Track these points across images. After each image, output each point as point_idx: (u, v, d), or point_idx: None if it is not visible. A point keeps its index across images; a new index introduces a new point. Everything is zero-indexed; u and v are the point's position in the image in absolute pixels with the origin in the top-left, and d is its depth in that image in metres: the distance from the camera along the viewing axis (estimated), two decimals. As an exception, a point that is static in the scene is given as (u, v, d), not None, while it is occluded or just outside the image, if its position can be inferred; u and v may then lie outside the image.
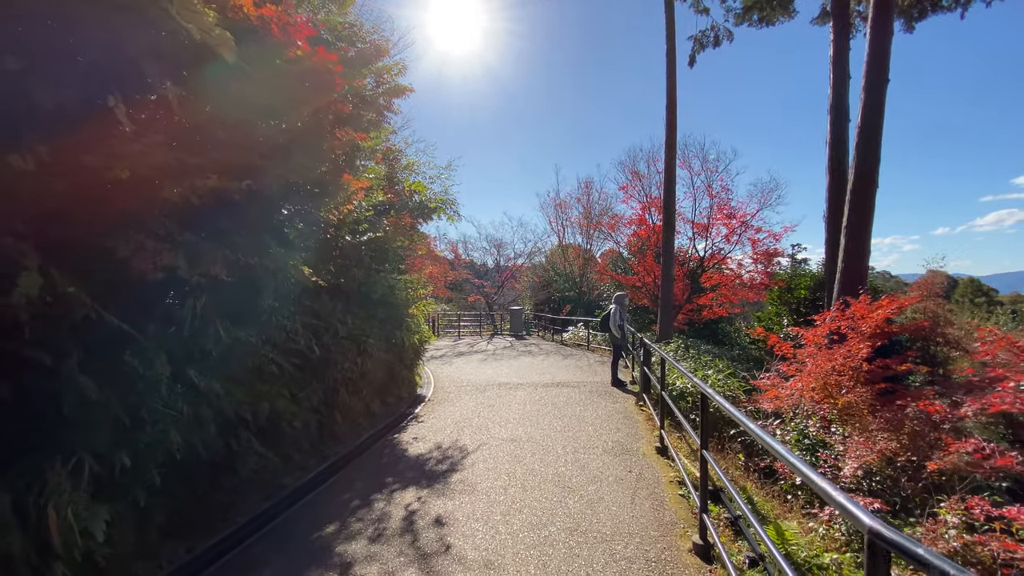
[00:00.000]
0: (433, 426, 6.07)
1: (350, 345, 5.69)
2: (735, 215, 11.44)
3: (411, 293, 8.77)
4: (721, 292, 12.07)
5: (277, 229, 3.60)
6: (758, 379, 5.94)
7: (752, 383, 5.87)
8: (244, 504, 3.71)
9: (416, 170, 10.11)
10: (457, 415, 6.56)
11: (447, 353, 13.83)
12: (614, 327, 8.15)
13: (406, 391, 8.00)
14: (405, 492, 4.01)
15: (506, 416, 6.32)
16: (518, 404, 6.99)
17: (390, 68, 6.16)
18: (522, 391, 7.94)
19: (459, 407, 7.06)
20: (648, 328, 12.63)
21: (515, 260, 25.84)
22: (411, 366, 8.28)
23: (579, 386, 8.24)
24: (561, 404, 6.91)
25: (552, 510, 3.53)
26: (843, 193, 8.39)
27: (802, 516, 3.95)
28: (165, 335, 2.98)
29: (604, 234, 16.41)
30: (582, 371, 9.88)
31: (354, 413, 5.91)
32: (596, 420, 5.99)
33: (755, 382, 5.72)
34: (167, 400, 2.95)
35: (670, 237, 9.89)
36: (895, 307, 4.85)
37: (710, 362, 7.48)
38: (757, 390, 6.00)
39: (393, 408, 7.18)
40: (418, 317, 9.18)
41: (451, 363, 11.88)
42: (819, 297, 10.74)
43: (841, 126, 8.56)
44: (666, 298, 9.94)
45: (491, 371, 10.21)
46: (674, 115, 9.56)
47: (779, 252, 11.15)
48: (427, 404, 7.46)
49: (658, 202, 12.22)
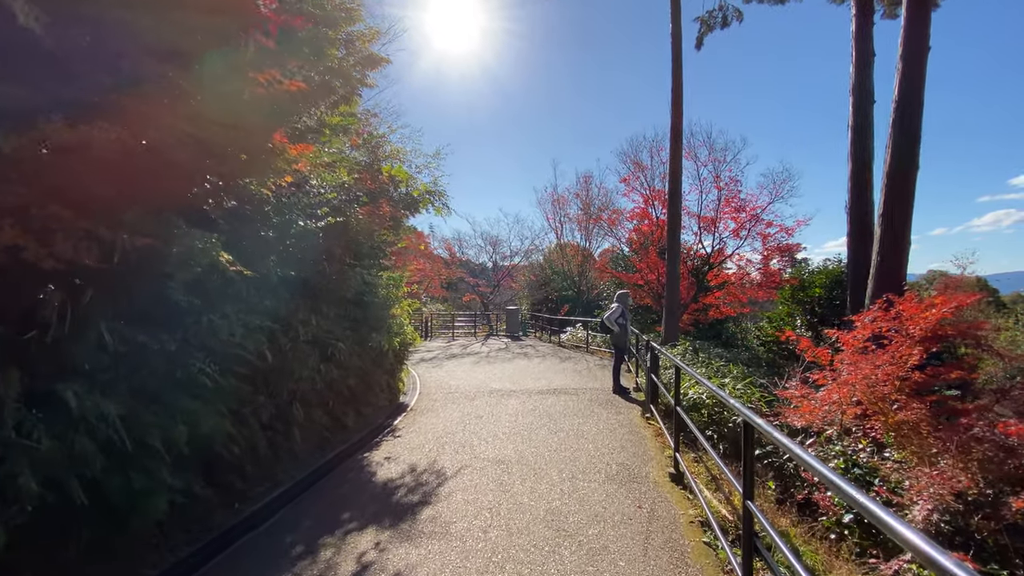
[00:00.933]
0: (411, 442, 5.30)
1: (311, 351, 4.91)
2: (744, 208, 10.68)
3: (393, 291, 8.00)
4: (729, 290, 11.32)
5: (192, 206, 2.83)
6: (780, 388, 5.18)
7: (776, 393, 5.11)
8: (153, 555, 2.93)
9: (401, 158, 9.36)
10: (440, 428, 5.79)
11: (438, 355, 13.05)
12: (616, 328, 7.40)
13: (386, 399, 7.22)
14: (362, 535, 3.24)
15: (494, 430, 5.55)
16: (509, 416, 6.22)
17: (363, 35, 5.40)
18: (515, 399, 7.18)
19: (443, 418, 6.29)
20: (651, 329, 11.88)
21: (511, 259, 25.06)
22: (392, 372, 7.51)
23: (578, 393, 7.48)
24: (557, 415, 6.14)
25: (543, 565, 2.76)
26: (867, 181, 7.65)
27: (854, 564, 3.19)
28: (18, 341, 2.21)
29: (604, 230, 15.66)
30: (581, 376, 9.11)
31: (319, 428, 5.13)
32: (597, 435, 5.23)
33: (780, 392, 4.95)
34: (20, 429, 2.18)
35: (675, 231, 9.14)
36: (951, 307, 4.10)
37: (723, 368, 6.72)
38: (779, 400, 5.25)
39: (370, 419, 6.40)
40: (402, 318, 8.42)
41: (441, 366, 11.11)
42: (836, 296, 10.02)
43: (865, 109, 7.81)
44: (671, 297, 9.18)
45: (483, 375, 9.44)
46: (680, 98, 8.80)
47: (792, 247, 10.40)
48: (408, 414, 6.69)
49: (662, 195, 11.47)
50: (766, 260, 10.82)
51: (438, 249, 25.17)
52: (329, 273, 5.77)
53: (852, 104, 7.91)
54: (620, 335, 7.46)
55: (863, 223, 7.55)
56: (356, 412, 6.32)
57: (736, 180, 10.71)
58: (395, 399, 7.62)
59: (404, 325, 8.34)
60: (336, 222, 5.01)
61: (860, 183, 7.63)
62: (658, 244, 11.82)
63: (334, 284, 5.86)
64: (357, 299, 6.41)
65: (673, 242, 9.12)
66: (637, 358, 7.96)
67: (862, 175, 7.59)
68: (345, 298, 6.12)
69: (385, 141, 9.11)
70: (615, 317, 7.37)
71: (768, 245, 10.65)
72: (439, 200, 9.73)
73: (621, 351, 7.53)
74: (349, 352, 5.90)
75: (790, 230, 10.37)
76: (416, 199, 8.70)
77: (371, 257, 6.56)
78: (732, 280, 11.09)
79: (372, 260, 6.60)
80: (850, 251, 7.77)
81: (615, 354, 7.56)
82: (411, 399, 7.67)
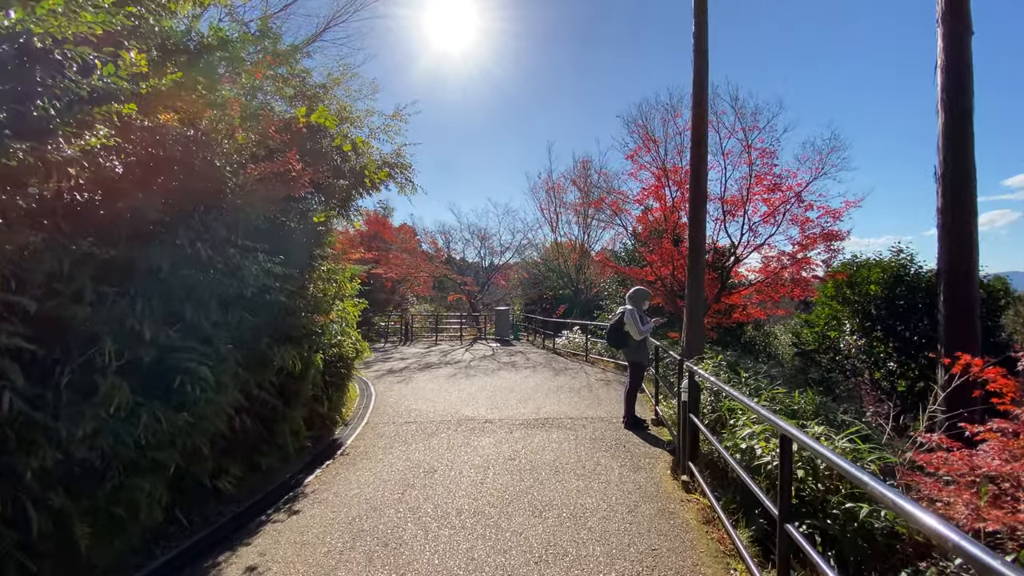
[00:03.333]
0: (308, 527, 3.28)
1: (119, 383, 2.86)
2: (779, 187, 8.69)
3: (330, 288, 5.98)
4: (759, 287, 9.34)
5: None
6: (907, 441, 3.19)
7: (914, 456, 3.08)
8: None
9: (350, 116, 7.33)
10: (366, 496, 3.77)
11: (411, 365, 11.02)
12: (634, 334, 5.39)
13: (309, 436, 5.18)
14: None
15: (447, 504, 3.54)
16: (475, 469, 4.21)
17: None
18: (489, 436, 5.17)
19: (380, 471, 4.27)
20: (663, 336, 9.87)
21: (502, 255, 23.01)
22: (321, 399, 5.47)
23: (575, 427, 5.48)
24: (546, 471, 4.13)
25: None
26: (965, 135, 5.68)
27: None
28: None
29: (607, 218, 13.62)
30: (580, 397, 7.11)
31: (145, 522, 3.08)
32: (605, 518, 3.23)
33: (919, 456, 2.94)
34: None
35: (700, 209, 7.08)
36: None
37: (783, 397, 4.71)
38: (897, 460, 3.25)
39: (272, 474, 4.37)
40: (345, 324, 6.40)
41: (410, 380, 9.10)
42: (901, 295, 8.03)
43: (960, 43, 5.83)
44: (694, 297, 7.13)
45: (456, 395, 7.43)
46: (704, 27, 6.75)
47: (838, 234, 8.41)
48: (334, 463, 4.67)
49: (677, 172, 9.45)
50: (803, 250, 8.83)
51: (423, 244, 23.13)
52: (203, 258, 3.76)
53: (942, 35, 5.93)
54: (638, 348, 5.45)
55: (964, 191, 5.57)
56: (252, 465, 4.29)
57: (770, 152, 8.72)
58: (327, 433, 5.60)
59: (346, 332, 6.32)
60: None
61: (956, 138, 5.64)
62: (672, 232, 9.80)
63: (214, 277, 3.84)
64: (258, 299, 4.38)
65: (697, 224, 7.09)
66: (657, 378, 5.96)
67: (962, 127, 5.61)
68: (238, 297, 4.10)
69: (328, 93, 7.07)
70: (634, 323, 5.34)
71: (808, 233, 8.66)
72: (401, 174, 7.72)
73: (639, 369, 5.50)
74: (234, 378, 3.89)
75: (837, 213, 8.36)
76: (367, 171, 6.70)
77: (273, 239, 4.53)
78: (765, 275, 9.08)
79: (276, 243, 4.57)
80: (944, 230, 5.77)
81: (630, 372, 5.54)
82: (351, 431, 5.65)
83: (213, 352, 3.76)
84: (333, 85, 7.31)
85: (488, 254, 23.06)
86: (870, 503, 2.64)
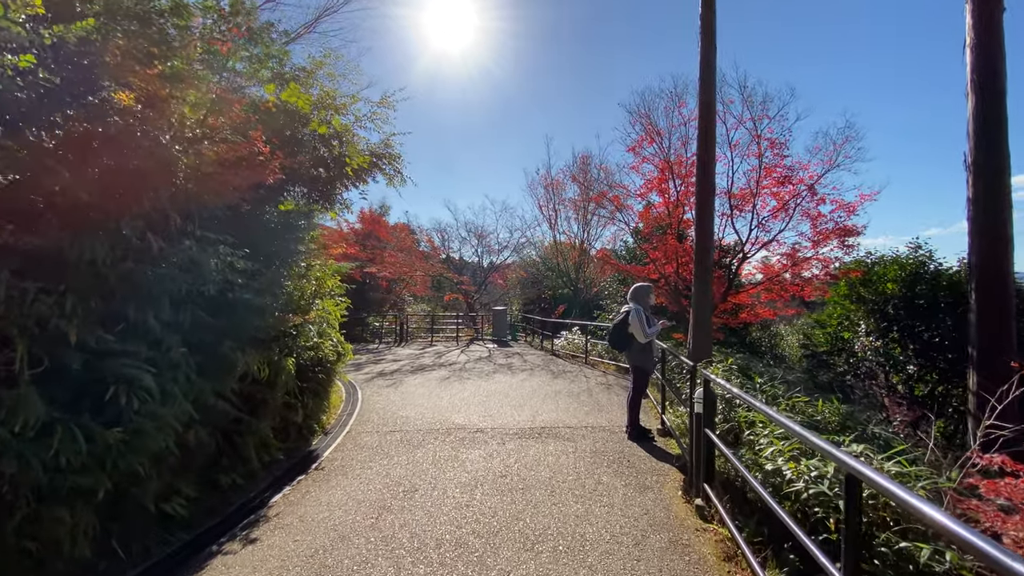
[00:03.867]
0: (260, 570, 2.81)
1: (30, 395, 2.40)
2: (790, 179, 8.23)
3: (308, 287, 5.53)
4: (767, 286, 8.88)
5: None
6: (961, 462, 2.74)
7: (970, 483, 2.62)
8: None
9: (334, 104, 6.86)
10: (336, 520, 3.31)
11: (404, 367, 10.55)
12: (639, 337, 4.92)
13: (281, 448, 4.72)
14: None
15: (427, 528, 3.07)
16: (462, 487, 3.75)
17: None
18: (480, 448, 4.71)
19: (356, 489, 3.81)
20: (667, 337, 9.41)
21: (500, 254, 22.52)
22: (295, 407, 5.01)
23: (575, 437, 5.01)
24: (541, 491, 3.67)
25: None
26: (999, 119, 5.23)
27: None
28: None
29: (607, 215, 13.15)
30: (579, 402, 6.65)
31: (64, 545, 2.62)
32: (608, 552, 2.77)
33: (980, 482, 2.48)
34: None
35: (708, 202, 6.64)
36: None
37: (804, 406, 4.25)
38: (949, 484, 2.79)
39: (231, 496, 3.90)
40: (326, 326, 5.94)
41: (401, 384, 8.62)
42: (922, 295, 7.57)
43: (991, 20, 5.38)
44: (701, 297, 6.67)
45: (448, 400, 6.96)
46: (712, 11, 6.32)
47: (853, 229, 7.95)
48: (307, 478, 4.21)
49: (682, 165, 8.98)
50: (816, 246, 8.37)
51: (420, 243, 22.66)
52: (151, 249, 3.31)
53: (971, 11, 5.48)
54: (643, 351, 4.98)
55: (997, 181, 5.12)
56: (207, 484, 3.83)
57: (780, 143, 8.25)
58: (303, 444, 5.13)
59: (326, 334, 5.85)
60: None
61: (990, 122, 5.19)
62: (676, 228, 9.33)
63: (165, 272, 3.38)
64: (219, 297, 3.93)
65: (704, 218, 6.64)
66: (663, 383, 5.49)
67: (995, 110, 5.15)
68: (195, 295, 3.65)
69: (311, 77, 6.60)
70: (640, 324, 4.88)
71: (820, 228, 8.20)
72: (390, 165, 7.24)
73: (643, 375, 5.04)
74: (186, 387, 3.42)
75: (851, 207, 7.89)
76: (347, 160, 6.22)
77: (240, 231, 4.07)
78: (774, 273, 8.62)
79: (240, 234, 4.10)
80: (975, 221, 5.31)
81: (633, 377, 5.08)
82: (330, 442, 5.19)
83: (162, 357, 3.31)
84: (316, 68, 6.83)
85: (485, 253, 22.59)
86: (931, 541, 2.18)
